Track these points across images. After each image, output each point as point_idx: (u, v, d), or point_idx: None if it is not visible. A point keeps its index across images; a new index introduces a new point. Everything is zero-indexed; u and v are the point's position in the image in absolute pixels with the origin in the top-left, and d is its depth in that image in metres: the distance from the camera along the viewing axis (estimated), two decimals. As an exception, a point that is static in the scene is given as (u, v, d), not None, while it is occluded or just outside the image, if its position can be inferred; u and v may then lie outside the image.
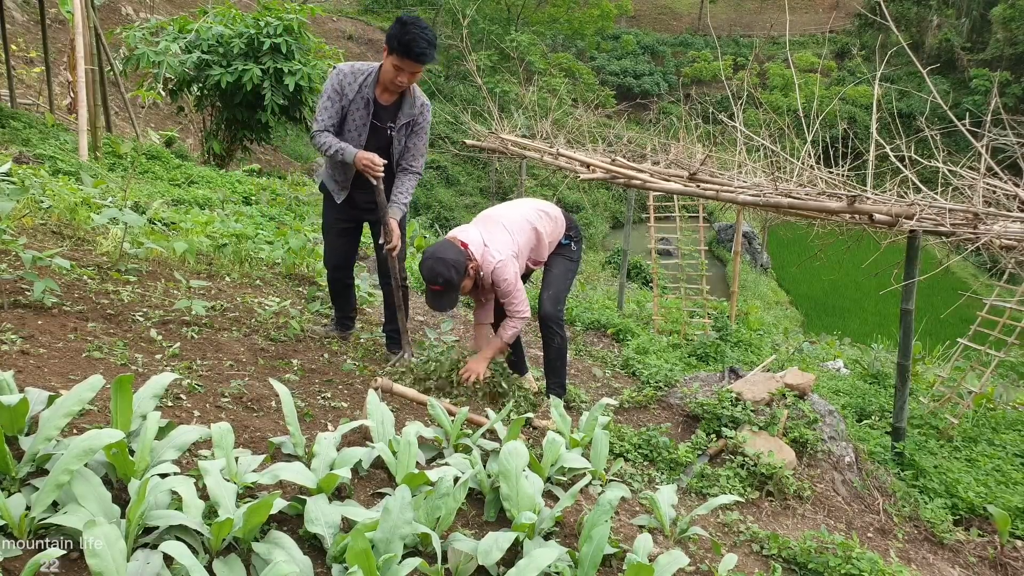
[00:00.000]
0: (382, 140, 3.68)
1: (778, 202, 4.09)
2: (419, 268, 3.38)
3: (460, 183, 26.19)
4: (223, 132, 11.53)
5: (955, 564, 3.28)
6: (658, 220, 7.75)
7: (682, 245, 7.91)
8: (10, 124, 9.00)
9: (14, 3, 17.14)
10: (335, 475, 2.18)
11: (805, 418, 3.69)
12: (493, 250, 3.46)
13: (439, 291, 3.33)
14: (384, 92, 3.61)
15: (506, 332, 3.59)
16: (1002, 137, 3.51)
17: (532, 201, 3.88)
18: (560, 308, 3.81)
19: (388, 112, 3.64)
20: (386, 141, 3.68)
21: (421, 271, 3.34)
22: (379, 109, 3.62)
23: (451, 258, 3.30)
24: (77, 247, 4.60)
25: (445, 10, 30.82)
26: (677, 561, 2.27)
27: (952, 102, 3.60)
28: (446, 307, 3.42)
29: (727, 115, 5.16)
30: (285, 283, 5.22)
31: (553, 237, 3.83)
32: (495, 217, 3.66)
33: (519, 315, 3.56)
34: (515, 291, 3.52)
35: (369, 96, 3.58)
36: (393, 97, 3.63)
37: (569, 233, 3.91)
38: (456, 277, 3.30)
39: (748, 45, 41.50)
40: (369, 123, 3.63)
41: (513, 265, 3.50)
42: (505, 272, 3.44)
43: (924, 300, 5.88)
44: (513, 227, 3.62)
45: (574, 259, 3.95)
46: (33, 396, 2.20)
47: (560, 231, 3.86)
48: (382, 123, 3.64)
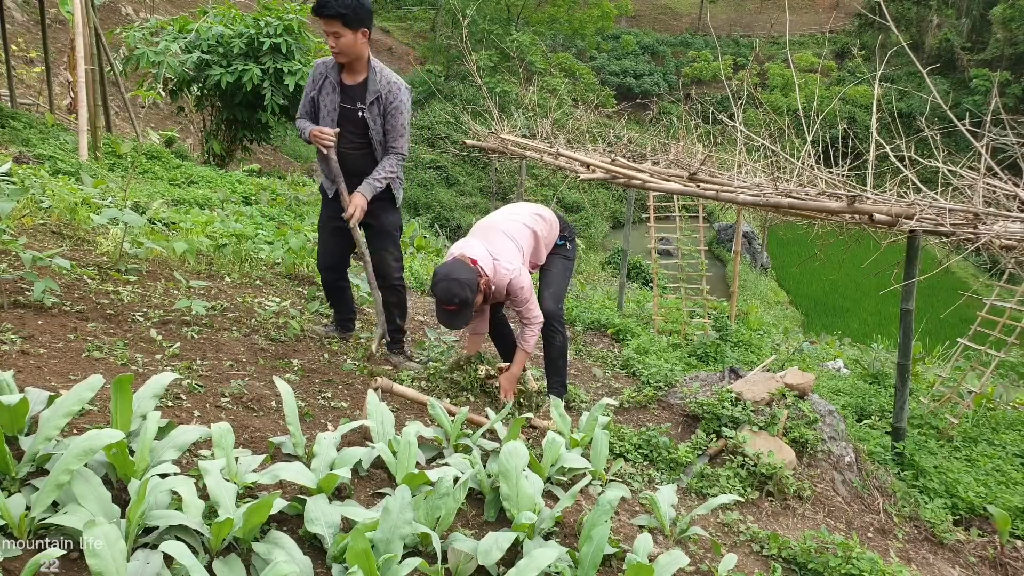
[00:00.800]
0: (356, 123, 3.70)
1: (778, 202, 4.08)
2: (432, 289, 3.40)
3: (460, 183, 26.20)
4: (223, 132, 11.53)
5: (955, 564, 3.28)
6: (658, 220, 7.75)
7: (682, 245, 7.91)
8: (10, 124, 9.00)
9: (14, 3, 17.14)
10: (335, 475, 2.18)
11: (805, 418, 3.69)
12: (504, 262, 3.50)
13: (454, 311, 3.35)
14: (349, 73, 3.66)
15: (529, 342, 3.64)
16: (1002, 137, 3.51)
17: (526, 206, 3.91)
18: (561, 306, 3.85)
19: (356, 93, 3.67)
20: (361, 124, 3.70)
21: (435, 292, 3.36)
22: (345, 90, 3.67)
23: (464, 278, 3.32)
24: (77, 247, 4.60)
25: (445, 10, 30.84)
26: (677, 561, 2.27)
27: (952, 102, 3.59)
28: (460, 325, 3.46)
29: (727, 115, 5.15)
30: (285, 283, 5.22)
31: (549, 239, 3.88)
32: (495, 227, 3.68)
33: (536, 321, 3.62)
34: (532, 298, 3.58)
35: (335, 80, 3.66)
36: (358, 78, 3.66)
37: (563, 233, 3.97)
38: (470, 296, 3.33)
39: (748, 45, 41.51)
40: (339, 107, 3.68)
41: (527, 274, 3.58)
42: (522, 281, 3.51)
43: (924, 300, 5.88)
44: (514, 234, 3.65)
45: (570, 257, 4.03)
46: (33, 396, 2.20)
47: (555, 233, 3.92)
48: (352, 104, 3.67)
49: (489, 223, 3.75)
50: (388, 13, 38.02)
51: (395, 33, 36.51)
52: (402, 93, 3.68)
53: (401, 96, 3.67)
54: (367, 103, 3.66)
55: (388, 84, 3.65)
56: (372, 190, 3.69)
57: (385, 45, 34.73)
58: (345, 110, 3.69)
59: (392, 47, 35.03)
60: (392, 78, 3.68)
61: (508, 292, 3.54)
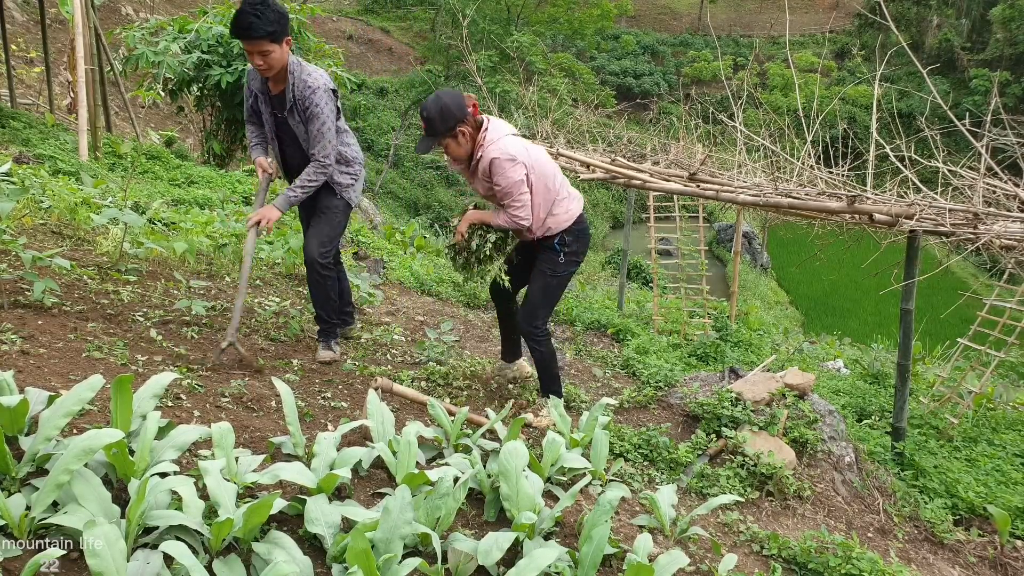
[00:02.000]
0: (286, 131, 3.62)
1: (778, 202, 4.08)
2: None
3: (460, 183, 26.19)
4: (223, 132, 11.52)
5: (955, 564, 3.28)
6: (658, 220, 7.75)
7: (682, 245, 7.91)
8: (10, 124, 8.99)
9: (14, 3, 17.14)
10: (335, 475, 2.18)
11: (805, 418, 3.69)
12: (501, 145, 3.25)
13: (423, 126, 3.24)
14: (274, 82, 3.53)
15: (496, 217, 3.38)
16: (1002, 137, 3.50)
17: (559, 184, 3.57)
18: (536, 324, 3.49)
19: (281, 101, 3.55)
20: (291, 131, 3.60)
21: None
22: (273, 100, 3.57)
23: (445, 103, 3.18)
24: (77, 247, 4.60)
25: (445, 10, 30.84)
26: (677, 561, 2.27)
27: (952, 102, 3.59)
28: (420, 149, 3.30)
29: (727, 115, 5.16)
30: (285, 283, 5.22)
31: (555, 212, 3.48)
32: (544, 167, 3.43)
33: (514, 217, 3.33)
34: (518, 197, 3.29)
35: (263, 89, 3.55)
36: (281, 85, 3.52)
37: (566, 238, 3.48)
38: (439, 124, 3.18)
39: (748, 45, 41.53)
40: (271, 115, 3.60)
41: (517, 169, 3.27)
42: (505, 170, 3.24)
43: (924, 300, 5.89)
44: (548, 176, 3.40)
45: (559, 274, 3.49)
46: (33, 396, 2.20)
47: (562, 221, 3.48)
48: (280, 112, 3.57)
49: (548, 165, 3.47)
50: (388, 13, 38.03)
51: (395, 33, 36.53)
52: (316, 96, 3.43)
53: (315, 99, 3.43)
54: (286, 110, 3.52)
55: (303, 88, 3.43)
56: (286, 203, 3.53)
57: (385, 45, 34.76)
58: (277, 119, 3.61)
59: (392, 47, 35.04)
60: (309, 80, 3.44)
61: (490, 173, 3.28)
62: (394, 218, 18.27)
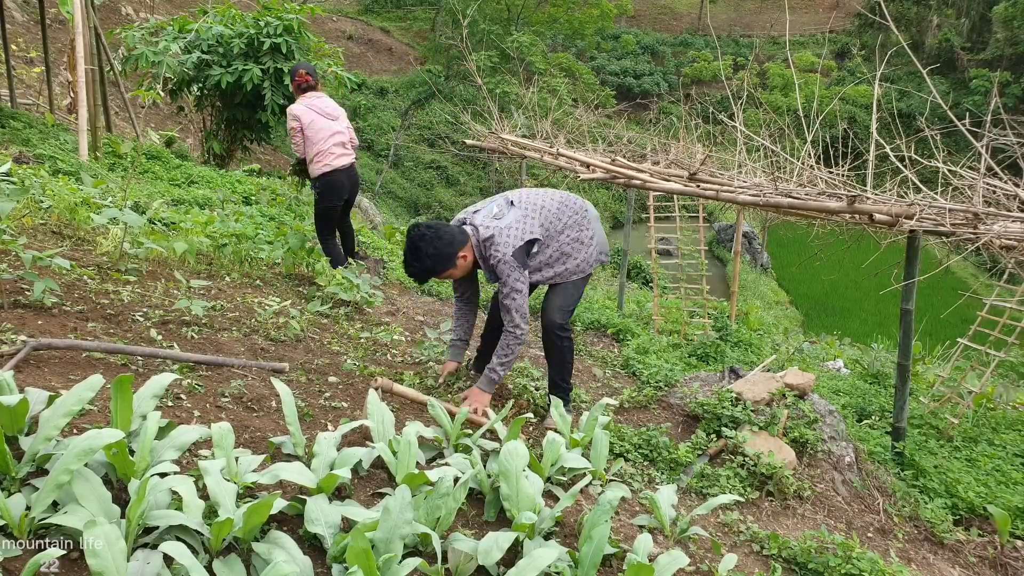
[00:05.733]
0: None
1: (778, 202, 4.08)
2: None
3: (460, 183, 26.23)
4: (223, 132, 11.51)
5: (955, 564, 3.28)
6: (658, 220, 7.75)
7: (682, 245, 7.91)
8: (10, 124, 8.99)
9: (14, 3, 17.14)
10: (335, 475, 2.18)
11: (805, 418, 3.69)
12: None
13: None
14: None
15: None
16: (1002, 137, 3.50)
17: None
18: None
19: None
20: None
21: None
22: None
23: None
24: (77, 247, 4.60)
25: (445, 10, 30.85)
26: (677, 561, 2.27)
27: (952, 102, 3.60)
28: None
29: (727, 115, 5.16)
30: (285, 283, 5.22)
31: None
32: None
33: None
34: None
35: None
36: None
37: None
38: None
39: (748, 45, 41.50)
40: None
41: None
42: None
43: (924, 300, 5.88)
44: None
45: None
46: (33, 396, 2.20)
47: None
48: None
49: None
50: (388, 13, 38.01)
51: (395, 33, 36.50)
52: (499, 267, 3.29)
53: (501, 268, 3.29)
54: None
55: (491, 263, 3.33)
56: (490, 384, 3.42)
57: (385, 45, 34.72)
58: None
59: (392, 47, 35.01)
60: (490, 257, 3.30)
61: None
62: (394, 218, 18.27)
